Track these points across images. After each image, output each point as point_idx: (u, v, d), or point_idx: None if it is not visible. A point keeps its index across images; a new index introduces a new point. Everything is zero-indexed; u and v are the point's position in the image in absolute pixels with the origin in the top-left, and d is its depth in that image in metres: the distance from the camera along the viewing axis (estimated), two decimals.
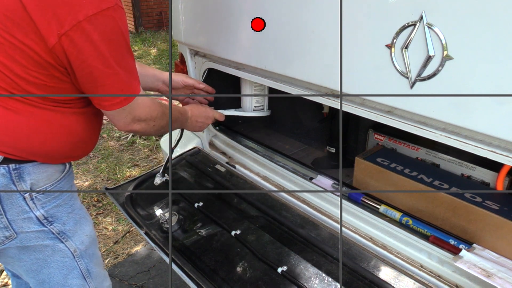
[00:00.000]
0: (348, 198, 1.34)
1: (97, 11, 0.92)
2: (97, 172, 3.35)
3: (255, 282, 1.16)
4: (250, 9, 1.30)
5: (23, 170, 1.05)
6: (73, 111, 1.08)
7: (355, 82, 1.07)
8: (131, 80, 1.05)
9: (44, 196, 1.10)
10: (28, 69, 0.96)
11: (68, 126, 1.08)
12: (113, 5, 0.95)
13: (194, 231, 1.38)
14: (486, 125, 0.87)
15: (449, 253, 1.09)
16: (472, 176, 1.27)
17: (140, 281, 2.26)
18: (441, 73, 0.89)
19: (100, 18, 0.93)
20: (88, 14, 0.91)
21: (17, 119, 1.01)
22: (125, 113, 1.08)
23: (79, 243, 1.20)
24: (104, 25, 0.94)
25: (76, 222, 1.19)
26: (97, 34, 0.93)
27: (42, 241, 1.13)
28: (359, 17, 1.01)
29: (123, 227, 2.70)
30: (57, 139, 1.08)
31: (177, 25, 1.68)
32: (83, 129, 1.13)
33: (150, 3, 8.71)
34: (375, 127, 1.56)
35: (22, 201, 1.07)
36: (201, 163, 1.74)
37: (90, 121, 1.15)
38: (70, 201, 1.18)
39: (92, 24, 0.92)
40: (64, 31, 0.90)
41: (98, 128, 1.23)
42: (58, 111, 1.05)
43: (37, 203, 1.09)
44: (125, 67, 1.02)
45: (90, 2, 0.92)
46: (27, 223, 1.09)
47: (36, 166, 1.07)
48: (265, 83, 1.38)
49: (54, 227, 1.14)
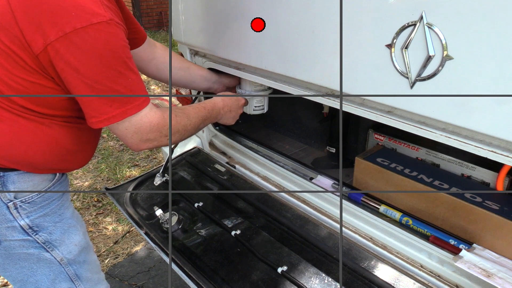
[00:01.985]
0: (348, 198, 1.34)
1: (87, 25, 0.88)
2: (97, 172, 3.35)
3: (255, 282, 1.16)
4: (250, 9, 1.30)
5: (6, 179, 1.03)
6: (60, 123, 1.05)
7: (355, 82, 1.07)
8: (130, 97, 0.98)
9: (30, 205, 1.07)
10: (12, 75, 0.93)
11: (54, 137, 1.05)
12: (106, 19, 0.90)
13: (194, 231, 1.38)
14: (486, 125, 0.87)
15: (449, 253, 1.09)
16: (472, 176, 1.27)
17: (140, 281, 2.26)
18: (441, 73, 0.89)
19: (91, 32, 0.88)
20: (76, 26, 0.87)
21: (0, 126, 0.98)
22: (130, 132, 1.01)
23: (67, 253, 1.17)
24: (94, 39, 0.89)
25: (64, 232, 1.16)
26: (85, 48, 0.89)
27: (26, 249, 1.10)
28: (359, 17, 1.01)
29: (123, 227, 2.70)
30: (41, 149, 1.04)
31: (177, 25, 1.68)
32: (71, 142, 1.09)
33: (150, 3, 8.71)
34: (375, 127, 1.56)
35: (6, 209, 1.04)
36: (201, 163, 1.74)
37: (81, 135, 1.10)
38: (59, 210, 1.15)
39: (80, 38, 0.87)
40: (50, 41, 0.87)
41: (92, 142, 1.18)
42: (44, 122, 1.02)
43: (21, 212, 1.06)
44: (121, 83, 0.95)
45: (80, 15, 0.88)
46: (10, 232, 1.07)
47: (21, 175, 1.04)
48: (265, 83, 1.38)
49: (39, 237, 1.11)
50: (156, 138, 1.06)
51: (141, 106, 1.00)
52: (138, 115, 1.00)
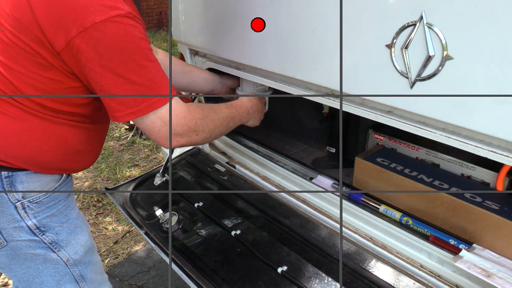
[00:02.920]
0: (348, 198, 1.34)
1: (106, 18, 0.88)
2: (97, 172, 3.35)
3: (255, 282, 1.16)
4: (250, 9, 1.30)
5: (15, 178, 1.03)
6: (71, 123, 1.05)
7: (355, 82, 1.07)
8: (152, 88, 0.96)
9: (37, 206, 1.08)
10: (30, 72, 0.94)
11: (64, 137, 1.05)
12: (125, 12, 0.91)
13: (194, 231, 1.38)
14: (486, 125, 0.87)
15: (449, 253, 1.09)
16: (472, 176, 1.27)
17: (140, 281, 2.26)
18: (441, 73, 0.89)
19: (110, 25, 0.89)
20: (96, 20, 0.88)
21: (11, 125, 0.99)
22: (157, 126, 0.98)
23: (73, 253, 1.18)
24: (114, 32, 0.90)
25: (70, 232, 1.17)
26: (105, 41, 0.89)
27: (33, 250, 1.11)
28: (359, 17, 1.01)
29: (123, 227, 2.70)
30: (50, 148, 1.04)
31: (177, 25, 1.68)
32: (80, 142, 1.09)
33: (150, 3, 8.71)
34: (375, 127, 1.56)
35: (14, 209, 1.04)
36: (201, 163, 1.74)
37: (89, 135, 1.11)
38: (65, 211, 1.16)
39: (99, 31, 0.88)
40: (71, 38, 0.88)
41: (99, 143, 1.19)
42: (56, 121, 1.02)
43: (29, 213, 1.07)
44: (144, 75, 0.95)
45: (99, 9, 0.89)
46: (18, 232, 1.07)
47: (30, 175, 1.05)
48: (265, 83, 1.38)
49: (46, 237, 1.11)
50: (185, 133, 1.03)
51: (166, 98, 0.98)
52: (164, 107, 0.98)
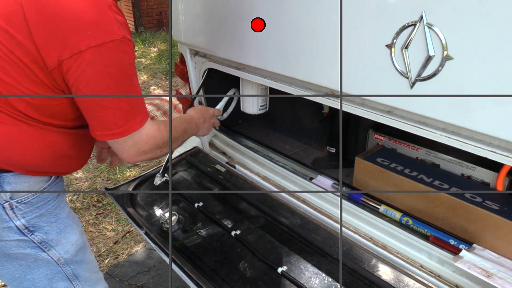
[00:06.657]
0: (348, 198, 1.34)
1: (101, 43, 0.91)
2: (97, 172, 3.35)
3: (255, 282, 1.16)
4: (250, 9, 1.30)
5: (3, 180, 1.03)
6: (60, 130, 1.07)
7: (355, 82, 1.07)
8: (133, 113, 1.02)
9: (26, 206, 1.08)
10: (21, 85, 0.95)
11: (52, 142, 1.06)
12: (119, 37, 0.94)
13: (194, 231, 1.38)
14: (486, 125, 0.87)
15: (449, 253, 1.09)
16: (472, 176, 1.27)
17: (140, 281, 2.26)
18: (441, 73, 0.89)
19: (103, 50, 0.92)
20: (91, 45, 0.90)
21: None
22: (127, 145, 1.05)
23: (63, 252, 1.18)
24: (106, 57, 0.93)
25: (60, 231, 1.17)
26: (96, 66, 0.92)
27: (23, 249, 1.11)
28: (359, 17, 1.02)
29: (123, 227, 2.70)
30: (38, 153, 1.05)
31: (177, 25, 1.68)
32: (69, 147, 1.11)
33: (150, 3, 8.71)
34: (375, 127, 1.56)
35: (2, 210, 1.05)
36: (201, 163, 1.74)
37: (78, 141, 1.13)
38: (55, 211, 1.16)
39: (92, 55, 0.91)
40: (64, 58, 0.91)
41: (88, 148, 1.20)
42: (44, 128, 1.04)
43: (17, 213, 1.07)
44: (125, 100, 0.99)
45: (95, 33, 0.91)
46: (6, 232, 1.07)
47: (17, 176, 1.05)
48: (265, 83, 1.38)
49: (35, 237, 1.11)
50: (151, 150, 1.09)
51: (142, 122, 1.04)
52: (138, 131, 1.04)
